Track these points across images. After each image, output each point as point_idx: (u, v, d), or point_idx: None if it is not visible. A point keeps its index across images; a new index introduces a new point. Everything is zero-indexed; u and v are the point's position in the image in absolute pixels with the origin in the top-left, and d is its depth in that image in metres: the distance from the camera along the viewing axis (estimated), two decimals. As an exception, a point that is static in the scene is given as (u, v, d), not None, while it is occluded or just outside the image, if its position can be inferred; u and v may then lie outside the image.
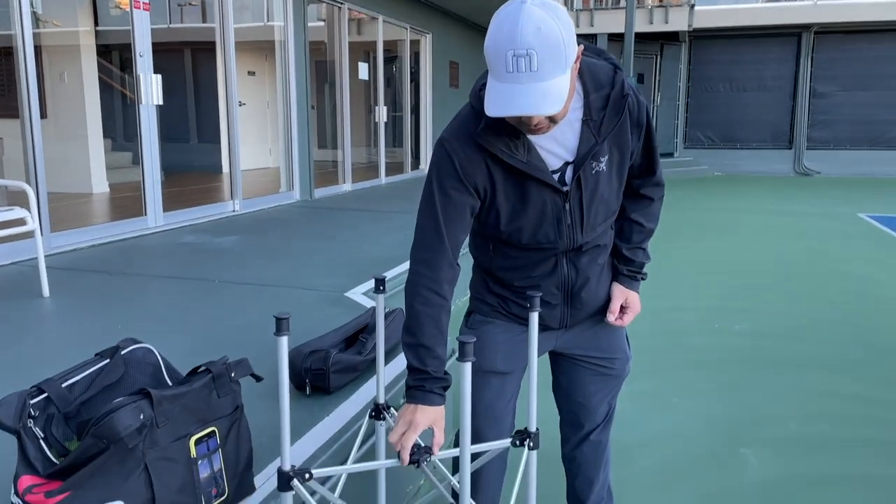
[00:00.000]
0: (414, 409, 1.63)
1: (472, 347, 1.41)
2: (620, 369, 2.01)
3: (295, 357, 2.48)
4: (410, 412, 1.63)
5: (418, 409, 1.63)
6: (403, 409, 1.66)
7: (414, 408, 1.63)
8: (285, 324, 1.49)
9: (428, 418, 1.63)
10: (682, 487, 2.77)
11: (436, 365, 1.67)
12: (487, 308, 1.97)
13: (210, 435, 1.69)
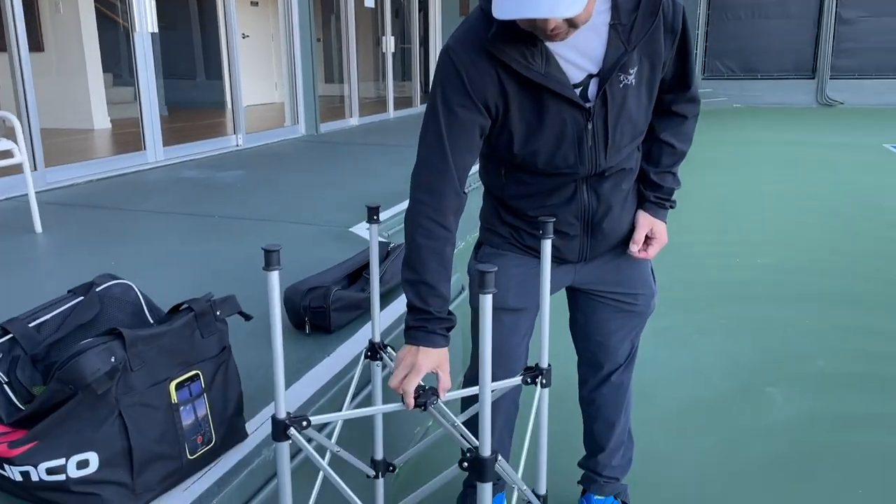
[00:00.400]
0: (416, 351, 1.47)
1: (492, 278, 1.24)
2: (644, 306, 1.83)
3: (293, 294, 2.32)
4: (412, 355, 1.47)
5: (420, 350, 1.47)
6: (404, 351, 1.49)
7: (415, 350, 1.47)
8: (275, 257, 1.32)
9: (431, 361, 1.47)
10: (705, 428, 2.62)
11: (439, 304, 1.50)
12: (499, 240, 1.79)
13: (193, 379, 1.53)
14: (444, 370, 1.49)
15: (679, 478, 2.33)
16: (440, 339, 1.49)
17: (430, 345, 1.47)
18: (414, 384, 1.44)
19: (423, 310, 1.49)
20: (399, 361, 1.48)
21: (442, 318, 1.49)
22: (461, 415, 1.73)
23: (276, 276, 1.33)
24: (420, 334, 1.48)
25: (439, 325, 1.49)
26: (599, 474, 2.02)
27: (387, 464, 1.85)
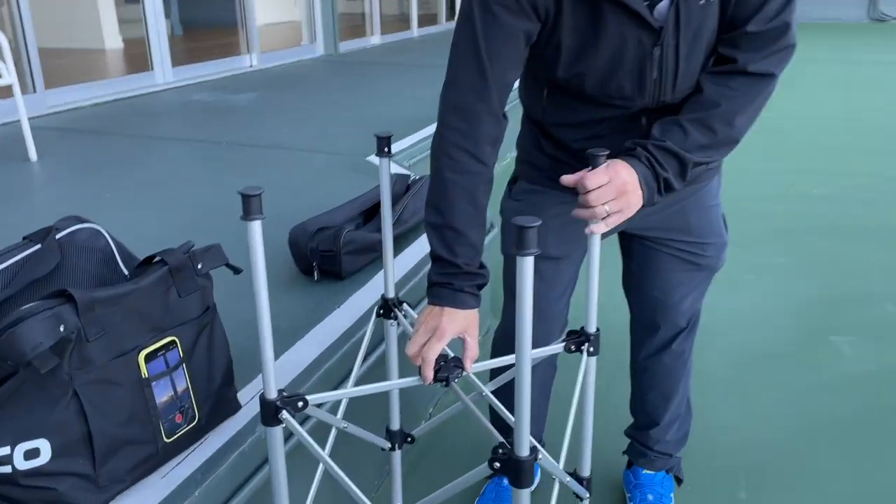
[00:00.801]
0: (439, 312, 1.19)
1: (534, 235, 0.95)
2: (714, 258, 1.52)
3: (300, 236, 2.04)
4: (434, 316, 1.19)
5: (445, 312, 1.19)
6: (425, 312, 1.21)
7: (439, 311, 1.19)
8: (256, 203, 1.03)
9: (458, 325, 1.19)
10: (760, 384, 2.34)
11: (469, 255, 1.21)
12: (538, 174, 1.48)
13: (168, 347, 1.27)
14: (473, 335, 1.21)
15: (735, 445, 2.06)
16: (469, 298, 1.21)
17: (456, 305, 1.19)
18: (436, 352, 1.17)
19: (449, 262, 1.20)
20: (419, 324, 1.21)
21: (472, 273, 1.21)
22: (490, 383, 1.46)
23: (258, 228, 1.04)
24: (445, 292, 1.20)
25: (468, 282, 1.20)
26: (650, 448, 1.75)
27: (404, 434, 1.60)
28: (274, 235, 2.27)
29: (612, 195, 1.19)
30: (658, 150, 1.23)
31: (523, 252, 0.96)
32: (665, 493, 1.76)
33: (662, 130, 1.25)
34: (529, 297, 0.99)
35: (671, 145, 1.22)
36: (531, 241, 0.95)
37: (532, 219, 0.95)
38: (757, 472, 1.96)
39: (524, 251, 0.96)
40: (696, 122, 1.24)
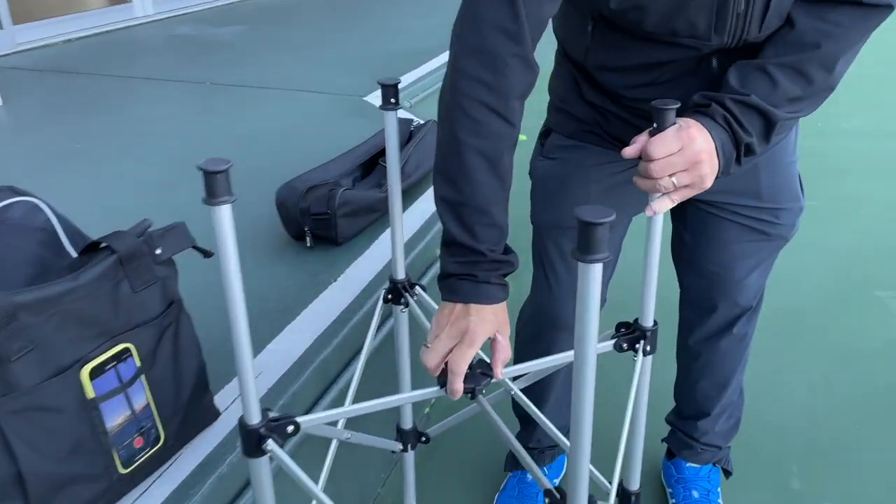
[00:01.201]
0: (463, 311, 0.93)
1: (605, 234, 0.69)
2: (788, 226, 1.25)
3: (289, 196, 1.76)
4: (458, 317, 0.93)
5: (471, 310, 0.93)
6: (444, 311, 0.95)
7: (463, 309, 0.93)
8: (223, 182, 0.78)
9: (489, 325, 0.93)
10: (801, 350, 2.09)
11: (494, 238, 0.94)
12: (576, 126, 1.21)
13: (121, 357, 1.02)
14: (504, 333, 0.96)
15: (782, 424, 1.83)
16: (497, 290, 0.95)
17: (483, 300, 0.93)
18: (467, 361, 0.92)
19: (470, 248, 0.93)
20: (438, 327, 0.95)
21: (498, 262, 0.95)
22: (520, 379, 1.22)
23: (227, 215, 0.78)
24: (466, 286, 0.94)
25: (495, 272, 0.94)
26: (696, 440, 1.52)
27: (418, 434, 1.37)
28: (261, 193, 2.00)
29: (682, 166, 0.92)
30: (739, 107, 0.95)
31: (590, 257, 0.69)
32: (712, 488, 1.54)
33: (743, 79, 0.96)
34: (595, 316, 0.73)
35: (756, 100, 0.94)
36: (601, 241, 0.69)
37: (601, 210, 0.68)
38: (809, 457, 1.73)
39: (591, 256, 0.69)
40: (786, 68, 0.95)
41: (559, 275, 1.29)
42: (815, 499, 1.63)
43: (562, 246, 1.27)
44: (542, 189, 1.28)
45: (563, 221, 1.25)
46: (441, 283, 0.97)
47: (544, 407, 1.47)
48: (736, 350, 1.39)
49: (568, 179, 1.23)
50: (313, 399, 1.36)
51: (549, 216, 1.27)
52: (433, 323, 0.97)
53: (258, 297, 1.55)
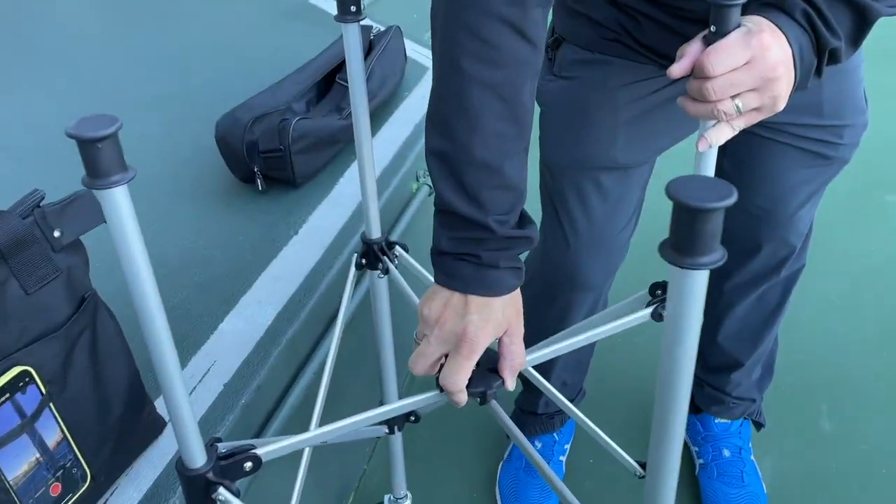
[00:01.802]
0: (461, 304, 0.68)
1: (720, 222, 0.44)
2: (850, 146, 1.02)
3: (232, 129, 1.46)
4: (452, 313, 0.69)
5: (471, 306, 0.68)
6: (435, 301, 0.70)
7: (460, 301, 0.68)
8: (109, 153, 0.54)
9: (491, 326, 0.69)
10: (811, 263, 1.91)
11: (506, 204, 0.69)
12: (595, 32, 0.94)
13: (17, 384, 0.75)
14: (515, 334, 0.72)
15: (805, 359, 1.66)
16: (507, 277, 0.69)
17: (487, 290, 0.69)
18: (466, 376, 0.69)
19: (471, 220, 0.67)
20: (427, 325, 0.70)
21: (510, 238, 0.69)
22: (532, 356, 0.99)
23: (124, 199, 0.53)
24: (465, 270, 0.68)
25: (506, 252, 0.69)
26: (728, 394, 1.33)
27: (405, 413, 1.14)
28: (199, 123, 1.68)
29: (750, 84, 0.67)
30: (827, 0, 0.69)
31: (696, 261, 0.45)
32: (744, 444, 1.37)
33: None
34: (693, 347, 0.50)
35: None
36: (713, 236, 0.44)
37: (713, 184, 0.44)
38: (838, 392, 1.58)
39: (698, 259, 0.44)
40: None
41: (579, 228, 1.04)
42: (850, 442, 1.47)
43: (584, 191, 1.01)
44: (556, 118, 1.01)
45: (584, 160, 0.99)
46: (434, 259, 0.71)
47: (550, 375, 1.26)
48: (780, 295, 1.18)
49: (588, 105, 0.97)
50: (283, 388, 1.11)
51: (566, 153, 1.01)
52: (421, 311, 0.71)
53: (202, 262, 1.28)
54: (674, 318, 0.49)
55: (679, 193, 0.43)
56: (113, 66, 2.10)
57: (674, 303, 0.48)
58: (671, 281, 0.48)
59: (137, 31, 2.38)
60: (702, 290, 0.47)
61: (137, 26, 2.42)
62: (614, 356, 1.58)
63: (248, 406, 1.02)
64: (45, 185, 1.23)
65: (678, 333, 0.49)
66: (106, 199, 0.51)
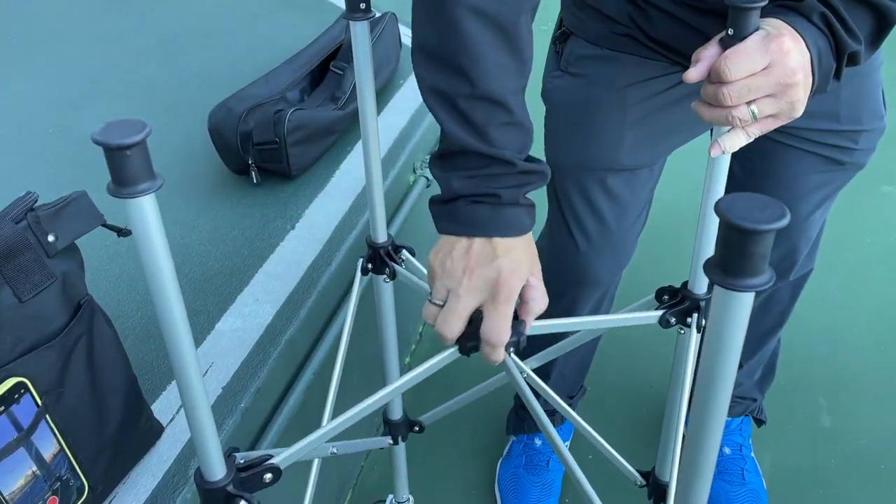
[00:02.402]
0: (486, 250, 0.65)
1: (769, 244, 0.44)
2: (866, 151, 1.00)
3: (225, 120, 1.42)
4: (478, 260, 0.64)
5: (497, 249, 0.64)
6: (454, 251, 0.66)
7: (484, 248, 0.65)
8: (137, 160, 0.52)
9: (523, 268, 0.65)
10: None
11: (518, 140, 0.66)
12: (604, 27, 0.92)
13: (12, 396, 0.72)
14: (538, 275, 0.68)
15: (804, 351, 1.66)
16: (526, 215, 0.67)
17: (511, 231, 0.65)
18: (508, 324, 0.65)
19: (487, 156, 0.64)
20: (448, 276, 0.66)
21: (527, 172, 0.66)
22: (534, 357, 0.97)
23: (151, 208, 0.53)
24: (484, 213, 0.65)
25: (522, 188, 0.66)
26: (729, 392, 1.32)
27: (409, 423, 1.12)
28: (192, 112, 1.64)
29: (767, 90, 0.65)
30: (847, 2, 0.67)
31: (743, 283, 0.43)
32: (744, 441, 1.37)
33: None
34: (735, 361, 0.48)
35: None
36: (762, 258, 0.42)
37: (763, 203, 0.42)
38: (837, 387, 1.58)
39: (745, 281, 0.43)
40: None
41: (588, 231, 1.02)
42: (850, 437, 1.47)
43: (591, 193, 0.99)
44: (563, 117, 0.99)
45: (589, 161, 0.97)
46: (439, 209, 0.67)
47: (549, 378, 1.25)
48: (788, 299, 1.17)
49: (596, 103, 0.94)
50: (282, 390, 1.09)
51: (573, 153, 0.98)
52: (438, 265, 0.66)
53: (197, 258, 1.24)
54: (716, 338, 0.47)
55: (730, 213, 0.41)
56: (100, 54, 2.05)
57: (716, 322, 0.46)
58: (715, 300, 0.46)
59: (125, 17, 2.32)
60: (747, 311, 0.45)
61: (125, 12, 2.36)
62: (616, 354, 1.57)
63: (247, 410, 1.00)
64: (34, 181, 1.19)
65: (719, 354, 0.48)
66: (133, 208, 0.49)
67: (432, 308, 0.66)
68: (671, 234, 1.80)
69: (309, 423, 1.12)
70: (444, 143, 0.66)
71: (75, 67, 1.97)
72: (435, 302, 0.66)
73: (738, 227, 0.40)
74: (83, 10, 2.38)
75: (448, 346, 0.69)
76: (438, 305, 0.66)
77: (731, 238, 0.41)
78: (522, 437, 1.38)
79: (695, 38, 0.84)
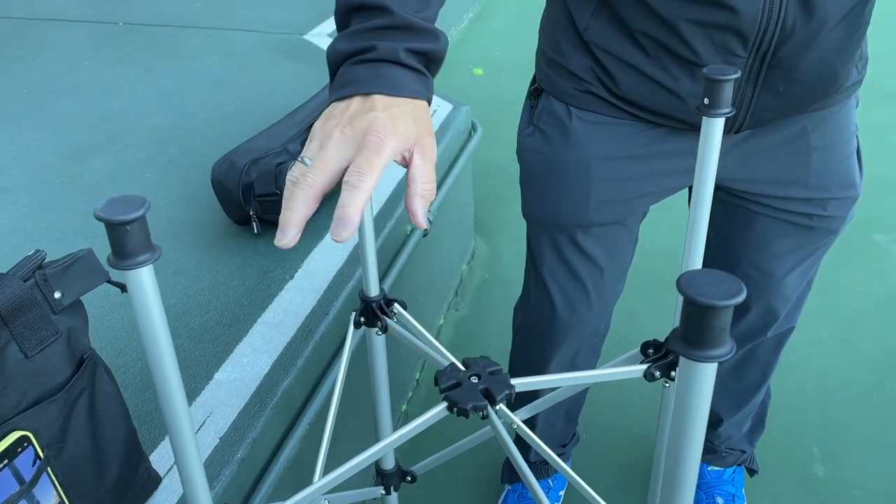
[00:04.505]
0: (363, 103, 0.60)
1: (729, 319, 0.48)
2: (840, 218, 1.03)
3: (228, 173, 1.46)
4: (354, 113, 0.59)
5: (376, 102, 0.59)
6: (337, 110, 0.60)
7: (362, 102, 0.60)
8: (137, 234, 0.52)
9: (405, 126, 0.59)
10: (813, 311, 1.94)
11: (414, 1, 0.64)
12: (571, 85, 0.95)
13: (15, 450, 0.75)
14: (428, 152, 0.61)
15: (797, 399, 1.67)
16: (411, 77, 0.62)
17: (392, 88, 0.60)
18: (375, 176, 0.57)
19: (370, 6, 0.62)
20: (324, 134, 0.59)
21: (412, 28, 0.62)
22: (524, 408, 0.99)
23: (149, 279, 0.53)
24: (362, 72, 0.61)
25: (406, 44, 0.62)
26: (718, 446, 1.34)
27: (402, 473, 1.14)
28: (194, 163, 1.69)
29: None
30: None
31: (704, 355, 0.46)
32: (737, 491, 1.38)
33: None
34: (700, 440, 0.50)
35: None
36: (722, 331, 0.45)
37: (723, 279, 0.45)
38: (829, 436, 1.59)
39: (706, 352, 0.46)
40: None
41: (561, 284, 1.05)
42: (843, 486, 1.48)
43: (562, 251, 1.02)
44: (534, 175, 1.02)
45: (561, 217, 1.00)
46: (331, 80, 0.64)
47: (535, 428, 1.27)
48: (770, 355, 1.19)
49: (563, 162, 0.97)
50: (279, 440, 1.11)
51: (544, 210, 1.02)
52: (317, 127, 0.61)
53: (198, 308, 1.27)
54: (683, 404, 0.50)
55: (689, 289, 0.44)
56: (108, 105, 2.11)
57: (682, 390, 0.49)
58: (681, 369, 0.48)
59: (132, 68, 2.39)
60: (710, 380, 0.48)
61: (132, 64, 2.43)
62: (610, 401, 1.59)
63: (244, 460, 1.02)
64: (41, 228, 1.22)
65: (686, 421, 0.50)
66: (132, 278, 0.52)
67: (299, 165, 0.59)
68: (669, 278, 1.84)
69: (304, 473, 1.14)
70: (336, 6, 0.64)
71: (84, 118, 2.03)
72: (302, 160, 0.59)
73: (697, 303, 0.43)
74: (93, 63, 2.45)
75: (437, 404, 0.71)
76: (305, 164, 0.59)
77: (692, 312, 0.44)
78: (517, 485, 1.40)
79: (661, 93, 0.88)
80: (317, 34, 2.66)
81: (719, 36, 0.81)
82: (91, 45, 2.65)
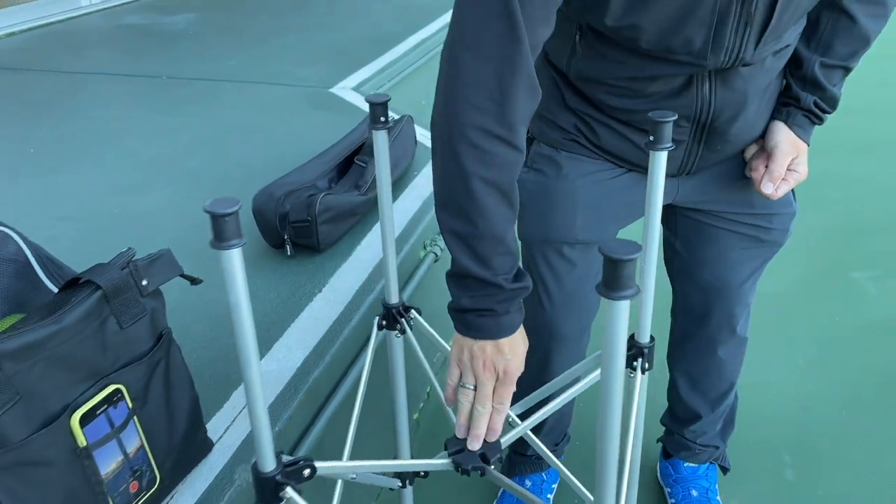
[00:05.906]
0: (495, 350, 0.91)
1: (633, 269, 0.68)
2: (781, 231, 1.24)
3: (266, 203, 1.69)
4: (492, 357, 0.91)
5: (504, 349, 0.91)
6: (473, 347, 0.92)
7: (495, 349, 0.91)
8: (231, 225, 0.73)
9: (520, 356, 0.94)
10: (783, 331, 2.12)
11: (508, 265, 0.91)
12: (558, 135, 1.17)
13: (112, 399, 0.96)
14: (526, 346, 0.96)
15: (770, 411, 1.84)
16: (517, 317, 0.93)
17: (508, 333, 0.91)
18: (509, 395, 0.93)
19: (485, 281, 0.89)
20: (466, 366, 0.92)
21: (515, 290, 0.91)
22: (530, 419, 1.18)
23: (238, 258, 0.72)
24: (488, 324, 0.90)
25: (513, 300, 0.91)
26: (694, 442, 1.52)
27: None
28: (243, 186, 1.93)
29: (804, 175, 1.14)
30: (828, 111, 1.14)
31: (618, 294, 0.66)
32: (710, 486, 1.55)
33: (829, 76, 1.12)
34: (622, 352, 0.70)
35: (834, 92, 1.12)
36: (628, 277, 0.65)
37: (627, 245, 0.65)
38: (801, 446, 1.75)
39: (619, 293, 0.66)
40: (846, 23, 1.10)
41: (551, 292, 1.26)
42: (809, 489, 1.64)
43: (551, 261, 1.23)
44: (529, 204, 1.23)
45: (550, 235, 1.21)
46: (455, 315, 0.93)
47: (540, 430, 1.45)
48: (736, 356, 1.38)
49: (554, 192, 1.19)
50: (306, 423, 1.31)
51: (535, 230, 1.23)
52: (461, 357, 0.93)
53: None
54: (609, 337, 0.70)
55: (606, 250, 0.64)
56: (155, 148, 2.37)
57: (609, 327, 0.69)
58: (608, 309, 0.68)
59: (177, 116, 2.66)
60: (625, 315, 0.68)
61: (177, 112, 2.70)
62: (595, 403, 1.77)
63: (280, 432, 1.22)
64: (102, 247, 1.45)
65: (611, 348, 0.70)
66: (225, 257, 0.71)
67: (467, 392, 0.92)
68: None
69: (329, 449, 1.34)
70: (455, 267, 0.91)
71: (135, 159, 2.28)
72: (466, 386, 0.92)
73: (612, 258, 0.64)
74: (142, 111, 2.73)
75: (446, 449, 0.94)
76: (470, 389, 0.91)
77: (607, 266, 0.65)
78: (516, 478, 1.57)
79: (629, 146, 1.11)
80: (341, 87, 2.94)
81: None
82: (136, 97, 2.94)
